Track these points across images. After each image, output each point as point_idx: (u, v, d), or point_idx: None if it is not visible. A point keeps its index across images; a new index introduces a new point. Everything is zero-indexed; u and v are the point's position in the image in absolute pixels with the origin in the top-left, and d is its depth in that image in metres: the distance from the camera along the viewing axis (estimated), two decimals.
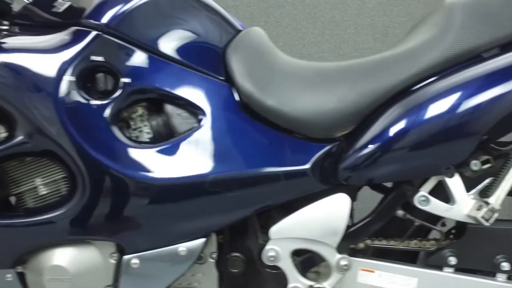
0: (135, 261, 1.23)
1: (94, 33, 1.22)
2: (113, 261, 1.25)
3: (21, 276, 1.27)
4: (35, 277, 1.25)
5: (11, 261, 1.25)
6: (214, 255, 1.31)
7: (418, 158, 1.27)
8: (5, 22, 1.44)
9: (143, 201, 1.21)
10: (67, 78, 1.19)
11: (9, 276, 1.25)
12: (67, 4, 1.31)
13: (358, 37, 2.88)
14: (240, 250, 1.31)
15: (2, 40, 1.25)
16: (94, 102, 1.21)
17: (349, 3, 2.89)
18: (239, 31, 1.38)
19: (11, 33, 1.29)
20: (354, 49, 2.86)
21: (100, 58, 1.22)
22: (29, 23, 1.32)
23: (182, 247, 1.25)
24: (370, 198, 1.41)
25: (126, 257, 1.24)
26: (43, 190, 1.25)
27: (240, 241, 1.31)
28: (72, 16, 1.27)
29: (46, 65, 1.20)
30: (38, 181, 1.25)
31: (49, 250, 1.24)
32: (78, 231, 1.23)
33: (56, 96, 1.19)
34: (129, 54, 1.25)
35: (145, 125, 1.28)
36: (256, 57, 1.33)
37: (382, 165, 1.27)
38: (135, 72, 1.24)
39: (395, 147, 1.26)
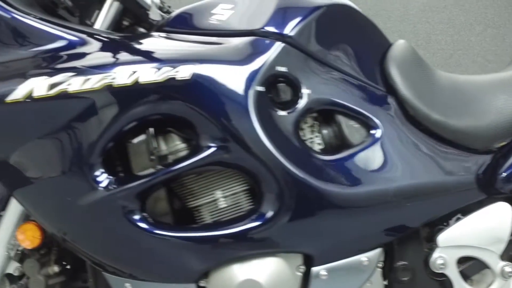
0: (323, 272, 1.23)
1: (279, 43, 1.22)
2: (299, 274, 1.24)
3: None
4: None
5: (195, 276, 1.23)
6: (380, 264, 1.32)
7: None
8: (142, 29, 1.42)
9: (333, 212, 1.21)
10: (257, 88, 1.18)
11: None
12: (230, 12, 1.30)
13: None
14: (407, 258, 1.33)
15: (182, 49, 1.22)
16: (281, 112, 1.21)
17: (392, 10, 2.95)
18: (390, 43, 1.40)
19: (171, 40, 1.27)
20: None
21: (284, 69, 1.21)
22: (183, 31, 1.30)
23: (364, 257, 1.26)
24: None
25: (315, 268, 1.23)
26: (223, 203, 1.23)
27: (406, 250, 1.33)
28: (244, 26, 1.26)
29: (235, 74, 1.18)
30: (219, 194, 1.23)
31: (237, 264, 1.22)
32: (271, 244, 1.21)
33: (247, 106, 1.17)
34: (308, 65, 1.25)
35: (316, 136, 1.28)
36: (414, 71, 1.36)
37: None
38: (313, 83, 1.24)
39: None
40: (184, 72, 1.16)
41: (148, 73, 1.15)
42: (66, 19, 1.37)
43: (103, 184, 1.18)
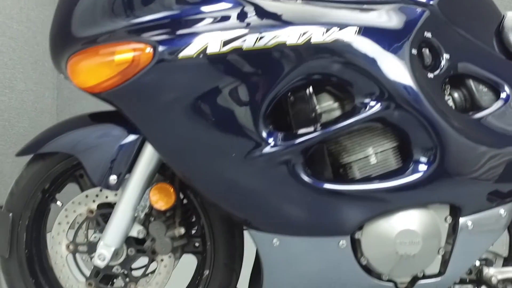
0: (469, 223, 1.31)
1: (425, 10, 1.29)
2: (446, 225, 1.32)
3: (353, 242, 1.31)
4: (377, 242, 1.29)
5: (351, 228, 1.28)
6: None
7: None
8: None
9: (479, 165, 1.29)
10: (412, 51, 1.25)
11: (344, 243, 1.28)
12: None
13: None
14: None
15: (340, 14, 1.27)
16: (429, 74, 1.28)
17: None
18: (502, 14, 1.48)
19: (315, 6, 1.29)
20: None
21: (429, 34, 1.29)
22: None
23: (502, 209, 1.34)
24: None
25: (462, 219, 1.31)
26: (373, 160, 1.29)
27: None
28: None
29: (393, 38, 1.26)
30: (370, 151, 1.29)
31: (392, 216, 1.28)
32: (424, 196, 1.28)
33: (406, 68, 1.24)
34: (447, 31, 1.33)
35: (448, 99, 1.35)
36: None
37: None
38: (451, 48, 1.32)
39: None
40: (349, 34, 1.22)
41: (318, 34, 1.20)
42: None
43: (271, 141, 1.22)
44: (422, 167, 1.26)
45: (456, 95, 1.36)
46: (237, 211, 1.31)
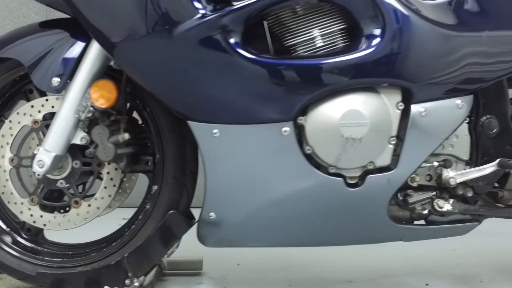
0: (422, 109, 1.22)
1: None
2: (398, 111, 1.23)
3: (297, 130, 1.22)
4: (321, 126, 1.21)
5: (293, 111, 1.20)
6: (467, 120, 1.31)
7: None
8: None
9: (430, 47, 1.22)
10: None
11: (287, 129, 1.20)
12: None
13: None
14: (494, 112, 1.32)
15: None
16: None
17: None
18: None
19: None
20: None
21: None
22: None
23: (459, 100, 1.25)
24: None
25: (415, 105, 1.22)
26: (319, 42, 1.22)
27: (493, 104, 1.32)
28: None
29: None
30: (316, 32, 1.22)
31: (338, 98, 1.20)
32: (370, 74, 1.20)
33: None
34: None
35: None
36: None
37: None
38: None
39: None
40: None
41: None
42: None
43: (203, 10, 1.17)
44: (371, 43, 1.19)
45: None
46: (176, 101, 1.24)
